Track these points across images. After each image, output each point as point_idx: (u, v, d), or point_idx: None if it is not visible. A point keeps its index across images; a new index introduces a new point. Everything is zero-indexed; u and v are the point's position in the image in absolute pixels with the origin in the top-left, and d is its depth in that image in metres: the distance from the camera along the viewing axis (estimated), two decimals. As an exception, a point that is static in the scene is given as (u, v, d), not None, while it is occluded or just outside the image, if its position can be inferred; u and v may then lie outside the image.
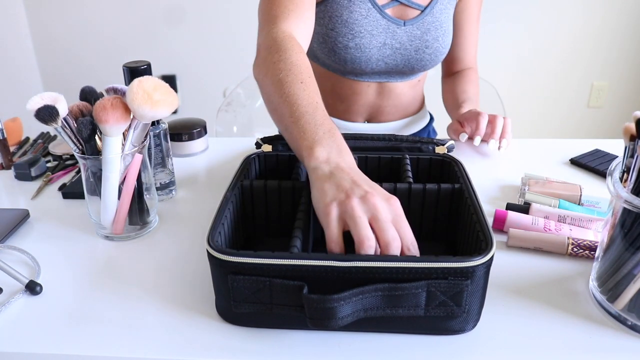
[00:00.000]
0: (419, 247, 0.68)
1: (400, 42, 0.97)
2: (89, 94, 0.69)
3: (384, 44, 0.96)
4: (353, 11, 0.93)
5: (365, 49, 0.96)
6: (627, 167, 0.53)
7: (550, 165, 0.92)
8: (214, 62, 2.45)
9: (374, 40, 0.95)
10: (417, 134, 1.15)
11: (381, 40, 0.96)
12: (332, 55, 0.98)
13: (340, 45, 0.95)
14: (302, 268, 0.49)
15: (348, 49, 0.95)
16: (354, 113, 1.10)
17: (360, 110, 1.09)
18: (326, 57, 1.00)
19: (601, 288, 0.56)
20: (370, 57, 0.97)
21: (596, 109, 2.58)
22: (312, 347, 0.52)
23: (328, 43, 0.97)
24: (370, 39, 0.95)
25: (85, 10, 2.48)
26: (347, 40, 0.94)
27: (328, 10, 0.95)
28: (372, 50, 0.96)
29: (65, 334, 0.54)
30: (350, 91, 1.05)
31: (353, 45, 0.94)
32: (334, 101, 1.09)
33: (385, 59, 0.98)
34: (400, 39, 0.97)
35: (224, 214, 0.59)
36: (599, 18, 2.38)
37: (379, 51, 0.97)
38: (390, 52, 0.98)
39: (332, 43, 0.96)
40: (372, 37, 0.95)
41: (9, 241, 0.71)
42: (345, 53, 0.96)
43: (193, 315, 0.56)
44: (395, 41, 0.97)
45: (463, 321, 0.52)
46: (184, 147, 0.98)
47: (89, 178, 0.69)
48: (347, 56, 0.96)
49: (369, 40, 0.95)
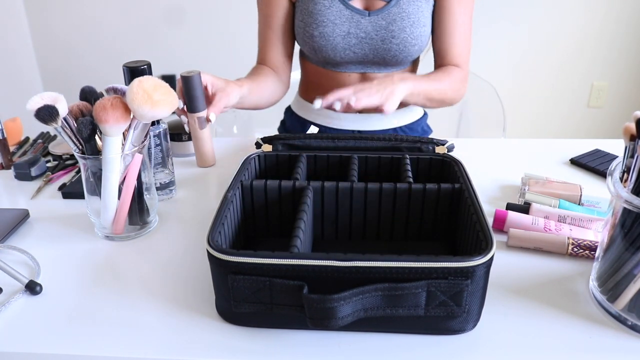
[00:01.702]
0: (419, 247, 0.68)
1: (365, 31, 1.02)
2: (89, 94, 0.69)
3: (348, 33, 1.02)
4: (317, 3, 1.01)
5: (329, 37, 1.02)
6: (627, 167, 0.53)
7: (550, 165, 0.92)
8: (214, 62, 2.45)
9: (337, 29, 1.01)
10: (410, 126, 1.17)
11: (345, 29, 1.01)
12: (304, 46, 1.06)
13: (307, 35, 1.03)
14: (302, 268, 0.49)
15: (314, 37, 1.02)
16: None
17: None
18: (304, 49, 1.08)
19: (601, 288, 0.56)
20: (335, 45, 1.02)
21: (596, 109, 2.58)
22: (312, 347, 0.52)
23: (300, 34, 1.06)
24: (333, 28, 1.01)
25: (85, 10, 2.48)
26: (312, 29, 1.02)
27: (299, 6, 1.04)
28: (336, 38, 1.02)
29: (65, 334, 0.54)
30: (334, 82, 1.10)
31: (317, 34, 1.02)
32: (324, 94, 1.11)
33: (352, 47, 1.03)
34: (364, 28, 1.01)
35: (224, 213, 0.59)
36: (599, 18, 2.38)
37: (343, 40, 1.02)
38: (355, 42, 1.02)
39: (302, 34, 1.04)
40: (335, 26, 1.01)
41: (9, 241, 0.71)
42: (312, 42, 1.03)
43: (193, 315, 0.56)
44: (359, 31, 1.02)
45: (463, 321, 0.52)
46: (184, 147, 0.98)
47: (89, 178, 0.69)
48: (314, 44, 1.03)
49: (332, 29, 1.01)
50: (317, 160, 0.76)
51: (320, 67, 1.10)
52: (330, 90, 1.08)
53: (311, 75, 1.14)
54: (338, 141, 0.77)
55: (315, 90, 1.12)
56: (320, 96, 0.87)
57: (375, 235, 0.69)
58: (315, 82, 1.13)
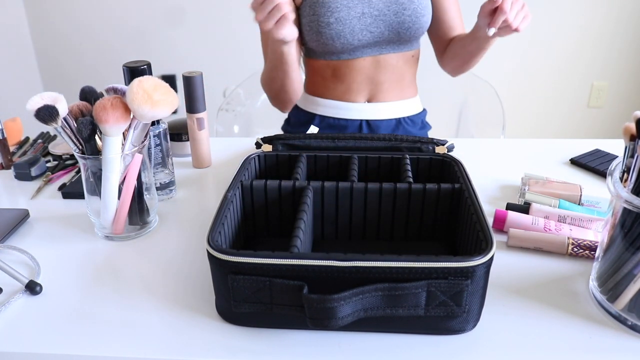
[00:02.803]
0: (419, 247, 0.68)
1: (378, 9, 1.05)
2: (89, 94, 0.69)
3: (363, 13, 1.05)
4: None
5: (346, 21, 1.04)
6: (627, 167, 0.53)
7: (550, 165, 0.92)
8: (214, 62, 2.45)
9: (352, 11, 1.04)
10: (412, 118, 1.20)
11: (359, 10, 1.05)
12: (320, 38, 1.06)
13: (323, 24, 1.04)
14: (302, 268, 0.49)
15: (330, 25, 1.04)
16: (355, 92, 1.15)
17: (360, 88, 1.14)
18: (317, 44, 1.08)
19: (601, 288, 0.56)
20: (353, 28, 1.05)
21: (596, 109, 2.58)
22: (312, 347, 0.52)
23: (313, 28, 1.06)
24: (348, 12, 1.04)
25: (85, 10, 2.48)
26: (327, 17, 1.04)
27: (307, 2, 1.05)
28: (352, 21, 1.04)
29: (65, 333, 0.54)
30: (348, 69, 1.12)
31: (334, 20, 1.04)
32: (334, 84, 1.16)
33: (369, 27, 1.06)
34: (376, 6, 1.05)
35: (224, 213, 0.59)
36: (599, 18, 2.38)
37: (359, 21, 1.05)
38: (371, 20, 1.05)
39: (316, 26, 1.05)
40: (349, 9, 1.04)
41: (9, 241, 0.71)
42: (330, 29, 1.04)
43: (193, 315, 0.56)
44: (372, 9, 1.05)
45: (463, 321, 0.52)
46: (183, 147, 0.98)
47: (89, 178, 0.69)
48: (332, 32, 1.05)
49: (347, 13, 1.04)
50: (317, 160, 0.76)
51: (332, 59, 1.11)
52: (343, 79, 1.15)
53: (320, 71, 1.15)
54: (338, 141, 0.77)
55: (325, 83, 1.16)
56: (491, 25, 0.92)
57: (375, 235, 0.69)
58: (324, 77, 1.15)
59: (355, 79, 1.13)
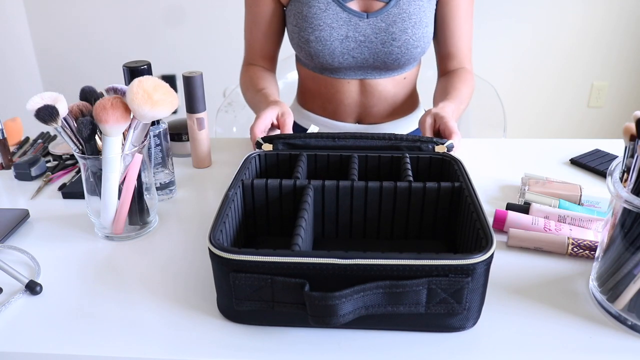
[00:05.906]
0: (420, 246, 0.68)
1: (365, 35, 0.97)
2: (89, 94, 0.69)
3: (346, 36, 0.97)
4: (312, 6, 0.97)
5: (327, 42, 0.97)
6: (627, 167, 0.53)
7: (550, 165, 0.92)
8: (214, 63, 2.45)
9: (334, 32, 0.97)
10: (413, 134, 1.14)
11: (342, 33, 0.97)
12: (300, 51, 1.02)
13: (303, 40, 0.99)
14: (303, 266, 0.49)
15: (310, 42, 0.98)
16: (343, 113, 1.09)
17: (348, 110, 1.09)
18: (299, 54, 1.04)
19: (601, 288, 0.56)
20: (333, 50, 0.98)
21: (596, 109, 2.58)
22: (314, 345, 0.52)
23: (294, 39, 1.01)
24: (330, 32, 0.97)
25: (85, 10, 2.48)
26: (307, 34, 0.97)
27: (292, 9, 1.00)
28: (333, 42, 0.97)
29: (65, 333, 0.54)
30: (333, 90, 1.06)
31: (313, 38, 0.97)
32: (322, 102, 1.10)
33: (351, 52, 0.99)
34: (363, 31, 0.97)
35: (225, 212, 0.59)
36: (599, 18, 2.38)
37: (341, 44, 0.98)
38: (354, 45, 0.98)
39: (297, 39, 1.00)
40: (332, 29, 0.97)
41: (9, 241, 0.71)
42: (308, 47, 0.99)
43: (194, 313, 0.56)
44: (358, 34, 0.97)
45: (463, 318, 0.52)
46: (183, 147, 0.98)
47: (89, 178, 0.69)
48: (310, 50, 0.99)
49: (329, 33, 0.97)
50: (318, 159, 0.76)
51: (317, 73, 1.06)
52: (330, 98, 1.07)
53: (309, 81, 1.10)
54: (338, 140, 0.77)
55: (314, 99, 1.10)
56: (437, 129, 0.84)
57: (375, 233, 0.69)
58: (313, 90, 1.10)
59: (341, 101, 1.07)
